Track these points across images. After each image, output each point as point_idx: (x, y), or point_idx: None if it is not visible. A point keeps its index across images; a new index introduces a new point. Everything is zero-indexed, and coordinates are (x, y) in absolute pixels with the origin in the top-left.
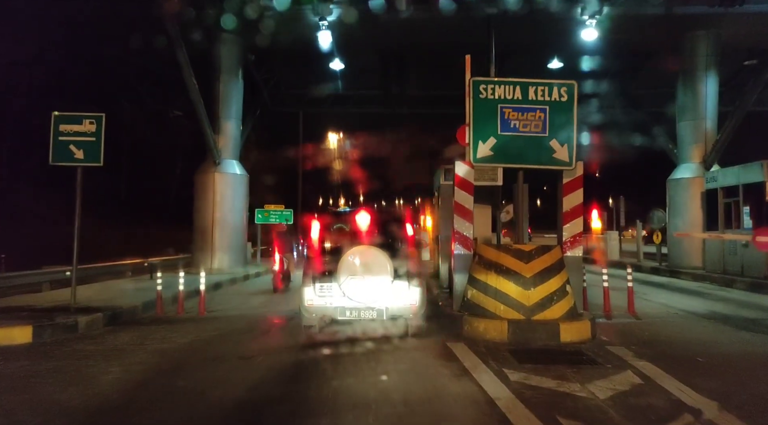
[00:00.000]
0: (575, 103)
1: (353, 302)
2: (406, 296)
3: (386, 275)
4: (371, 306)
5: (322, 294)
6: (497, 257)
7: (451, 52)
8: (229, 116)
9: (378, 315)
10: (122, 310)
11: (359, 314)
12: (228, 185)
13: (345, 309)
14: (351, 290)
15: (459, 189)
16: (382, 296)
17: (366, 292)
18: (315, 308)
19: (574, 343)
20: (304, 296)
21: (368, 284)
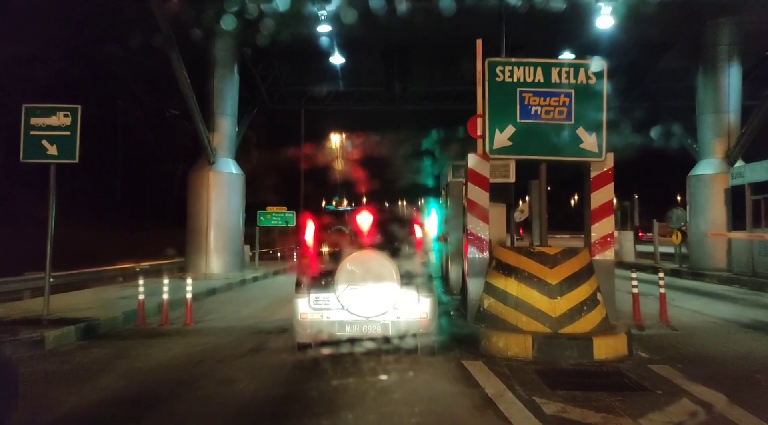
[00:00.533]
0: (605, 86)
1: (354, 315)
2: (416, 307)
3: (392, 283)
4: (375, 320)
5: (318, 306)
6: (517, 261)
7: (456, 46)
8: (224, 113)
9: (383, 331)
10: (99, 322)
11: (361, 329)
12: (223, 185)
13: (344, 324)
14: (351, 301)
15: (472, 185)
16: (387, 309)
17: (368, 304)
18: (309, 322)
19: (609, 361)
20: (297, 309)
21: (371, 294)
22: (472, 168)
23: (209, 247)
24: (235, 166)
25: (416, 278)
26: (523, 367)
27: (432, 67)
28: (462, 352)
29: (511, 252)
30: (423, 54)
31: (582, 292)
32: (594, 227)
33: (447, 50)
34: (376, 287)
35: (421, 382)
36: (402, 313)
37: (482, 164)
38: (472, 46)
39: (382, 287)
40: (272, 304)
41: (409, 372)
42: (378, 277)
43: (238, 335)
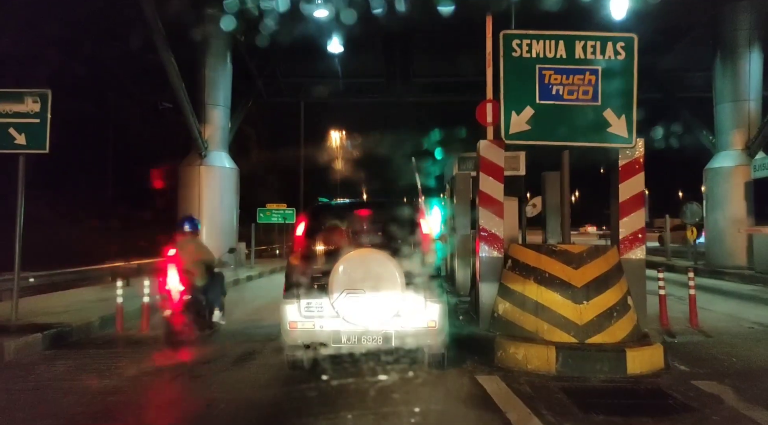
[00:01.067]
0: (635, 63)
1: (351, 324)
2: (423, 315)
3: (395, 287)
4: (375, 330)
5: (310, 314)
6: (537, 261)
7: (460, 32)
8: (216, 104)
9: (385, 342)
10: (71, 328)
11: (359, 340)
12: (215, 180)
13: (340, 334)
14: (348, 308)
15: (485, 175)
16: (389, 317)
17: (368, 311)
18: (300, 332)
19: (645, 376)
20: (286, 317)
21: (371, 300)
22: (485, 156)
23: None
24: (228, 160)
25: (423, 281)
26: (547, 384)
27: (434, 58)
28: (475, 364)
29: (530, 251)
30: (425, 42)
31: (611, 296)
32: (623, 221)
33: (450, 40)
34: (376, 291)
35: (431, 405)
36: (407, 321)
37: (496, 152)
38: (477, 31)
39: (384, 292)
40: (264, 306)
41: (417, 389)
42: (379, 280)
43: (223, 344)
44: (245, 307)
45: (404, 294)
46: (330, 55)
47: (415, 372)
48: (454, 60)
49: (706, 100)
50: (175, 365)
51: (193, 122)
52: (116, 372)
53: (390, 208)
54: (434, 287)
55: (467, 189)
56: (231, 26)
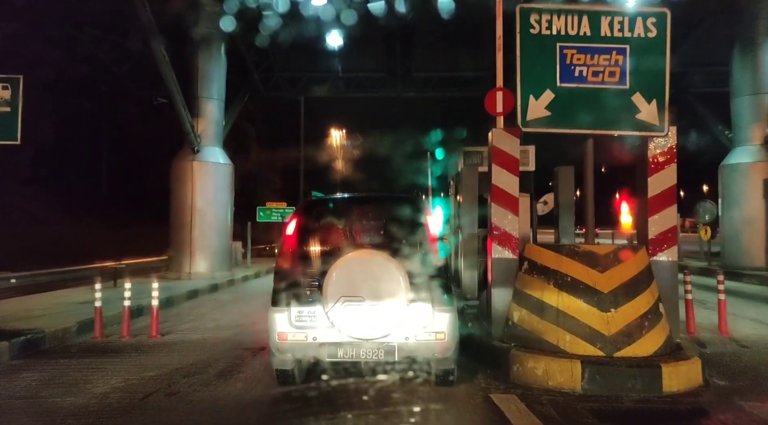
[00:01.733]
0: (668, 42)
1: (347, 336)
2: (430, 325)
3: (398, 293)
4: (376, 342)
5: (302, 323)
6: (558, 263)
7: (463, 25)
8: (209, 97)
9: (387, 356)
10: (44, 334)
11: (358, 353)
12: (209, 176)
13: (336, 347)
14: (345, 318)
15: (499, 168)
16: (392, 328)
17: (368, 321)
18: (291, 344)
19: (683, 395)
20: (275, 327)
21: (371, 308)
22: (498, 147)
23: (193, 244)
24: (222, 155)
25: (430, 287)
26: (573, 405)
27: (435, 53)
28: (488, 380)
29: (549, 252)
30: (426, 39)
31: (642, 303)
32: (652, 219)
33: (452, 34)
34: (377, 298)
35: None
36: (412, 332)
37: (510, 141)
38: (478, 28)
39: (386, 299)
40: (258, 309)
41: (425, 413)
42: (380, 285)
43: (209, 352)
44: (236, 310)
45: (408, 302)
46: (329, 49)
47: (422, 390)
48: (456, 55)
49: (720, 95)
50: (153, 376)
51: (184, 115)
52: (84, 387)
53: (392, 204)
54: (442, 294)
55: (474, 185)
56: (226, 20)
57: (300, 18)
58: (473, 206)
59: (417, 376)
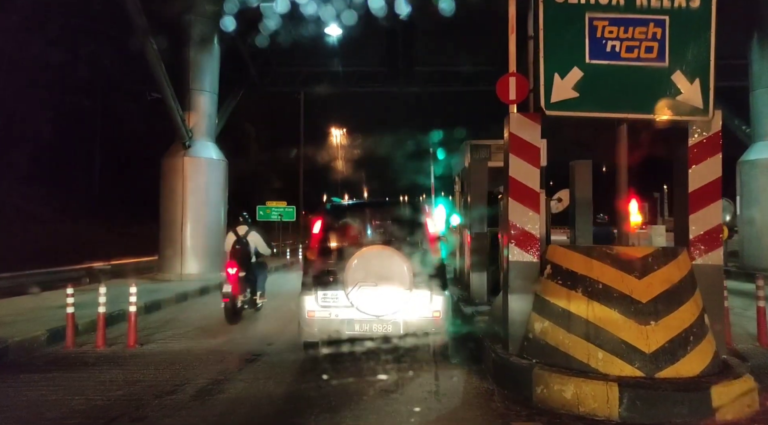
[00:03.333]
0: (713, 13)
1: (363, 314)
2: (428, 306)
3: (404, 281)
4: (385, 319)
5: (326, 304)
6: (587, 267)
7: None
8: (202, 89)
9: (394, 329)
10: (6, 345)
11: (371, 328)
12: (201, 172)
13: (353, 322)
14: (361, 299)
15: (517, 159)
16: (398, 307)
17: (379, 302)
18: (317, 320)
19: (736, 421)
20: (304, 306)
21: (382, 292)
22: (516, 134)
23: (185, 244)
24: (215, 150)
25: (428, 276)
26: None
27: (438, 46)
28: (507, 404)
29: (578, 254)
30: (428, 31)
31: (686, 314)
32: (694, 217)
33: (455, 26)
34: (387, 284)
35: None
36: (414, 311)
37: (530, 128)
38: (483, 18)
39: (394, 285)
40: (249, 315)
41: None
42: (389, 274)
43: (190, 365)
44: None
45: (412, 287)
46: (329, 43)
47: (431, 409)
48: (460, 48)
49: (737, 89)
50: (121, 395)
51: (174, 107)
52: (38, 411)
53: (398, 208)
54: (439, 281)
55: (483, 181)
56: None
57: (299, 11)
58: (482, 203)
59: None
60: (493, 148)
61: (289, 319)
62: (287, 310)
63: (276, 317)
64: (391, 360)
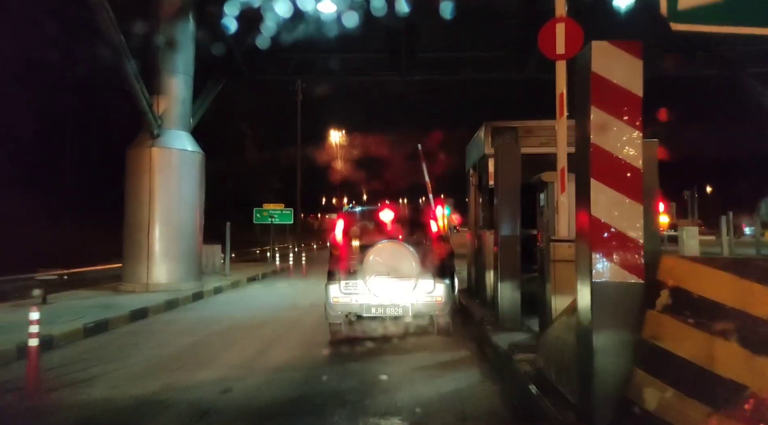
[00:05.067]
0: None
1: (378, 299)
2: (432, 291)
3: (412, 271)
4: (397, 303)
5: (348, 291)
6: (742, 294)
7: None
8: (174, 70)
9: (404, 312)
10: None
11: (385, 310)
12: (172, 166)
13: (371, 306)
14: (377, 287)
15: (602, 113)
16: (407, 293)
17: (392, 289)
18: (341, 305)
19: None
20: (330, 294)
21: (394, 281)
22: (601, 74)
23: (152, 249)
24: (190, 141)
25: (432, 266)
26: None
27: (444, 30)
28: None
29: (721, 272)
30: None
31: None
32: None
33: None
34: (398, 274)
35: None
36: (420, 296)
37: (626, 64)
38: None
39: (404, 274)
40: (216, 337)
41: None
42: (400, 265)
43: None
44: (193, 338)
45: (418, 277)
46: (323, 26)
47: None
48: (469, 31)
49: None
50: None
51: (137, 86)
52: None
53: (407, 210)
54: (440, 271)
55: (515, 167)
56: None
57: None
58: (513, 197)
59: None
60: (521, 131)
61: (261, 348)
62: (259, 336)
63: (242, 346)
64: None
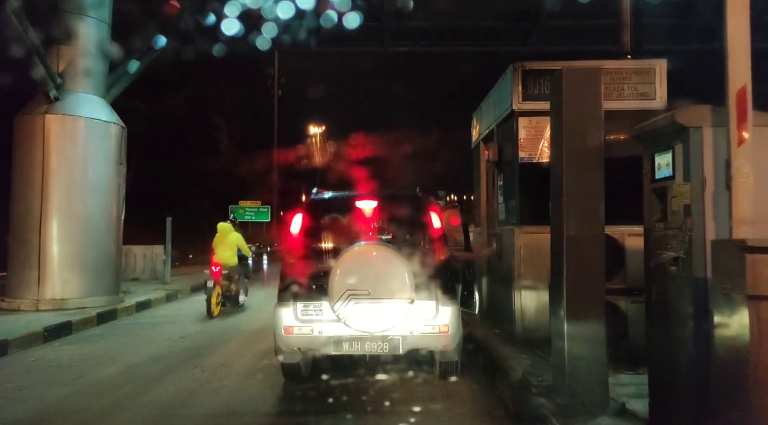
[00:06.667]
0: None
1: (354, 329)
2: (434, 318)
3: (404, 287)
4: (381, 335)
5: (307, 317)
6: None
7: None
8: (82, 13)
9: (392, 348)
10: None
11: (363, 346)
12: (77, 140)
13: (342, 340)
14: (350, 312)
15: None
16: (397, 321)
17: (373, 315)
18: (296, 338)
19: None
20: (281, 321)
21: (376, 302)
22: None
23: (46, 251)
24: (105, 109)
25: (434, 281)
26: None
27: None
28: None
29: None
30: None
31: None
32: None
33: None
34: (383, 291)
35: None
36: (416, 326)
37: None
38: None
39: (392, 292)
40: (87, 399)
41: None
42: (385, 279)
43: None
44: (28, 406)
45: (413, 297)
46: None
47: None
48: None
49: None
50: None
51: (23, 28)
52: None
53: (397, 200)
54: (447, 288)
55: (594, 114)
56: None
57: None
58: (595, 166)
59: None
60: (567, 73)
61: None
62: (159, 396)
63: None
64: None
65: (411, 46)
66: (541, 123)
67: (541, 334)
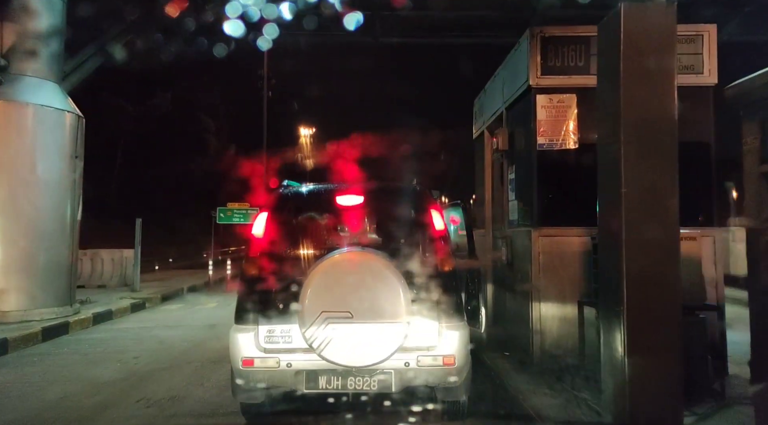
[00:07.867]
0: None
1: (333, 361)
2: (437, 345)
3: (397, 307)
4: (368, 369)
5: (273, 345)
6: None
7: None
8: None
9: (382, 386)
10: None
11: (345, 384)
12: (24, 129)
13: (318, 375)
14: (327, 340)
15: None
16: (390, 352)
17: (357, 344)
18: (258, 373)
19: None
20: (238, 350)
21: (362, 328)
22: None
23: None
24: (58, 96)
25: (436, 298)
26: None
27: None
28: None
29: None
30: None
31: None
32: None
33: None
34: (370, 313)
35: None
36: (413, 355)
37: None
38: None
39: (380, 315)
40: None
41: None
42: (373, 297)
43: None
44: None
45: (410, 317)
46: None
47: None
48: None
49: None
50: None
51: None
52: None
53: (389, 194)
54: (452, 306)
55: (668, 74)
56: None
57: None
58: (669, 146)
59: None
60: (627, 11)
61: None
62: None
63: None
64: None
65: (403, 38)
66: (564, 102)
67: (567, 361)
